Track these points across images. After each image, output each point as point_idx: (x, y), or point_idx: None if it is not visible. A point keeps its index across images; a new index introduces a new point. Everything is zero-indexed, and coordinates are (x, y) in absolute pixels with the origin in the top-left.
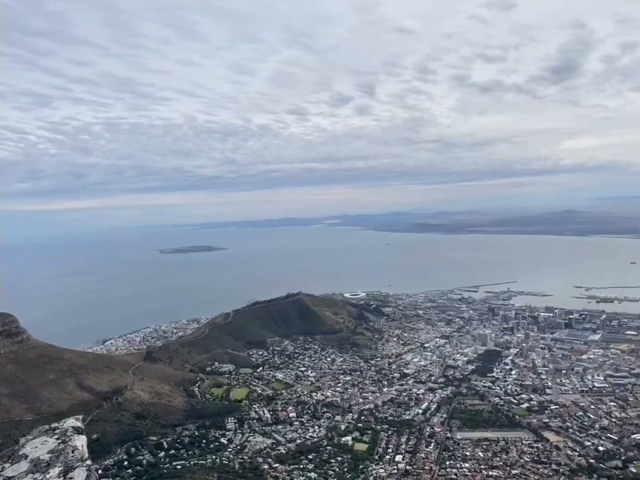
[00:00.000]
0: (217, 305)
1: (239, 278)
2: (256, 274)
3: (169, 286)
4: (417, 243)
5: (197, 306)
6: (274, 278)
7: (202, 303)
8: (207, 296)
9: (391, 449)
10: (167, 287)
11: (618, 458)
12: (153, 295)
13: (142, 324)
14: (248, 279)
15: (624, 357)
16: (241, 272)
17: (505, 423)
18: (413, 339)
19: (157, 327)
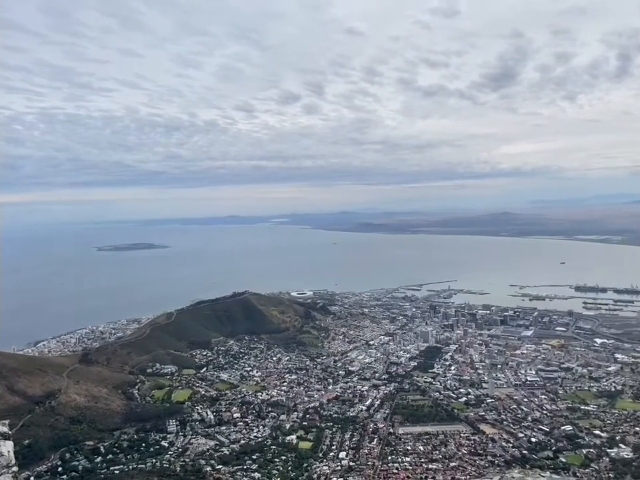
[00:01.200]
0: (159, 304)
1: (183, 277)
2: (201, 272)
3: (106, 285)
4: (363, 242)
5: (138, 305)
6: (219, 276)
7: (143, 302)
8: (148, 295)
9: (335, 446)
10: (104, 286)
11: (549, 448)
12: (89, 295)
13: (77, 324)
14: (192, 278)
15: (554, 352)
16: (184, 270)
17: (445, 417)
18: (358, 336)
19: (93, 327)
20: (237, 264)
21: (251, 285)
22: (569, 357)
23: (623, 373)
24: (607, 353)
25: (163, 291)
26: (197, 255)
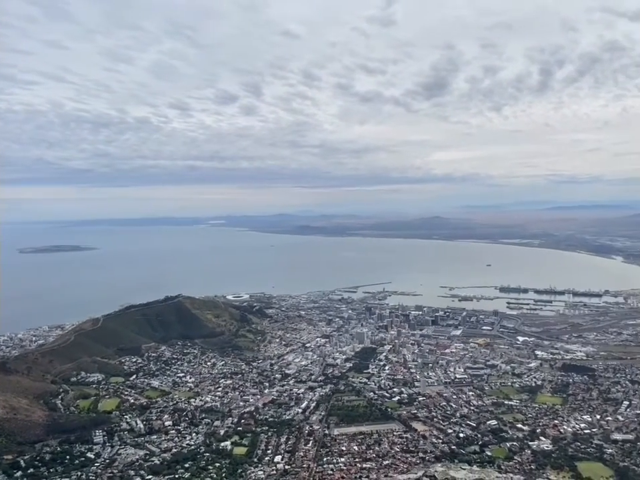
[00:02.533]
0: (84, 309)
1: (112, 280)
2: (131, 276)
3: (27, 289)
4: (301, 245)
5: (61, 311)
6: (151, 280)
7: (67, 307)
8: (72, 300)
9: (270, 450)
10: (25, 291)
11: (476, 443)
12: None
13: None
14: (122, 282)
15: (481, 350)
16: (113, 274)
17: (379, 416)
18: (295, 339)
19: (11, 334)
20: (171, 267)
21: (184, 289)
22: (494, 354)
23: (542, 368)
24: (528, 350)
25: (88, 296)
26: (128, 257)
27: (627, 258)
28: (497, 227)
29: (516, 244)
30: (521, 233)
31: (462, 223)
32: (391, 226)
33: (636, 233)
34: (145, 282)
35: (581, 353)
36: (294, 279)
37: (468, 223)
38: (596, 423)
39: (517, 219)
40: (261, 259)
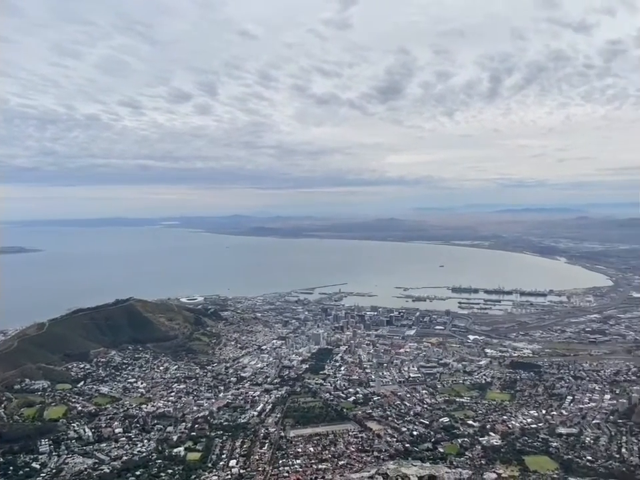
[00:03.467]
0: (29, 314)
1: (58, 283)
2: (79, 279)
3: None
4: (257, 246)
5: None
6: (100, 283)
7: (9, 312)
8: (15, 304)
9: (225, 455)
10: None
11: (429, 440)
12: None
13: None
14: (69, 285)
15: (434, 349)
16: (60, 276)
17: (334, 417)
18: (250, 341)
19: None
20: (121, 269)
21: (136, 292)
22: (446, 353)
23: (491, 366)
24: (478, 349)
25: (33, 300)
26: (75, 259)
27: (569, 259)
28: (449, 228)
29: (467, 245)
30: (471, 234)
31: (416, 224)
32: (347, 227)
33: (578, 235)
34: (94, 285)
35: (527, 351)
36: (250, 280)
37: (421, 224)
38: (542, 417)
39: (468, 221)
40: (216, 261)
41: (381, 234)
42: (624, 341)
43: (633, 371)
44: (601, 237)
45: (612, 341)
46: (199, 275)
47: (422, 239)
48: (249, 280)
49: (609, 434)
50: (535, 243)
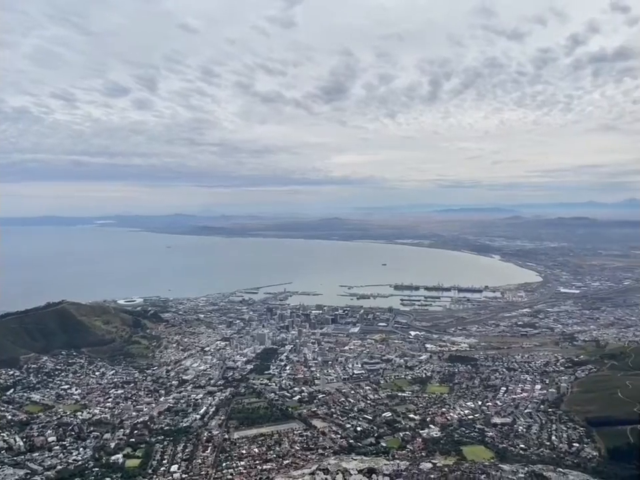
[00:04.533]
0: None
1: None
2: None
3: None
4: (200, 246)
5: None
6: (30, 285)
7: None
8: None
9: (166, 460)
10: None
11: (372, 435)
12: None
13: None
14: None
15: (377, 346)
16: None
17: (279, 417)
18: (193, 343)
19: None
20: (52, 271)
21: (69, 294)
22: (389, 349)
23: (431, 360)
24: (419, 344)
25: None
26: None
27: (503, 256)
28: (392, 228)
29: (408, 244)
30: (412, 233)
31: (359, 224)
32: (292, 226)
33: (511, 234)
34: (21, 288)
35: (465, 345)
36: (192, 281)
37: (365, 224)
38: (478, 408)
39: (409, 220)
40: (156, 261)
41: (325, 233)
42: (552, 333)
43: (561, 362)
44: (531, 236)
45: (542, 334)
46: (138, 276)
47: (365, 238)
48: (191, 280)
49: (540, 422)
50: (471, 242)
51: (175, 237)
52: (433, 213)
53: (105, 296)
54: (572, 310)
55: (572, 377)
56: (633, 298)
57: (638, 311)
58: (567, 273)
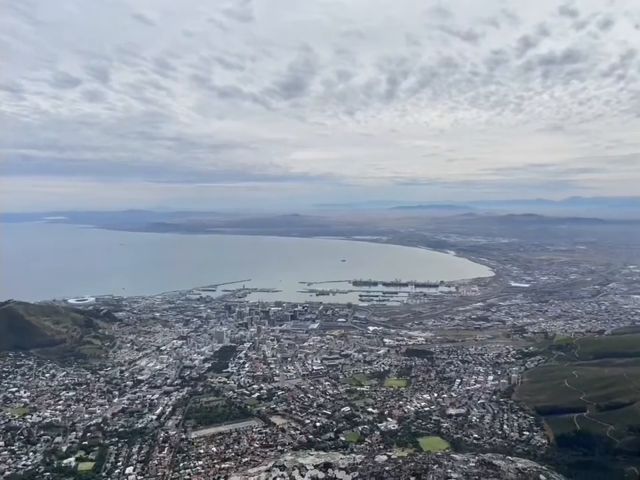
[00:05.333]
0: None
1: None
2: None
3: None
4: (155, 243)
5: None
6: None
7: None
8: None
9: (121, 462)
10: None
11: (331, 430)
12: None
13: None
14: None
15: (336, 341)
16: None
17: (238, 415)
18: (148, 342)
19: None
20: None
21: (16, 293)
22: (348, 344)
23: (389, 355)
24: (377, 339)
25: None
26: None
27: (458, 252)
28: (350, 224)
29: (367, 240)
30: (371, 230)
31: (319, 220)
32: (251, 223)
33: (465, 230)
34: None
35: (421, 338)
36: (147, 279)
37: (324, 220)
38: (434, 400)
39: (367, 217)
40: (109, 259)
41: (284, 230)
42: (504, 326)
43: (512, 354)
44: (484, 232)
45: (494, 327)
46: (89, 274)
47: (324, 234)
48: (146, 278)
49: (492, 412)
50: (427, 238)
51: (128, 234)
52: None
53: (55, 295)
54: (522, 303)
55: (522, 367)
56: (578, 291)
57: (583, 303)
58: (517, 268)
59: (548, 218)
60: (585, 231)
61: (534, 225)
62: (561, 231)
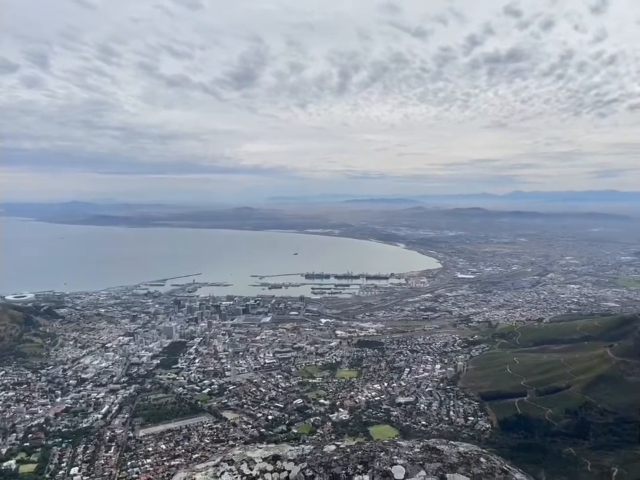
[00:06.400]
0: None
1: None
2: None
3: None
4: (100, 236)
5: None
6: None
7: None
8: None
9: (65, 463)
10: None
11: (284, 423)
12: None
13: None
14: None
15: (288, 334)
16: None
17: (188, 411)
18: (93, 340)
19: None
20: None
21: None
22: (300, 337)
23: (341, 346)
24: (329, 331)
25: None
26: None
27: (407, 245)
28: (303, 217)
29: (319, 233)
30: (323, 223)
31: (271, 213)
32: (201, 216)
33: (415, 223)
34: None
35: (372, 330)
36: (91, 274)
37: (276, 213)
38: (384, 390)
39: (319, 210)
40: (50, 254)
41: (236, 223)
42: (451, 316)
43: (458, 342)
44: (432, 225)
45: (441, 317)
46: (28, 269)
47: (277, 227)
48: (90, 273)
49: (439, 399)
50: (378, 231)
51: (70, 227)
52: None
53: None
54: (468, 294)
55: (467, 355)
56: (519, 282)
57: (524, 293)
58: (463, 260)
59: (492, 212)
60: (525, 224)
61: (479, 218)
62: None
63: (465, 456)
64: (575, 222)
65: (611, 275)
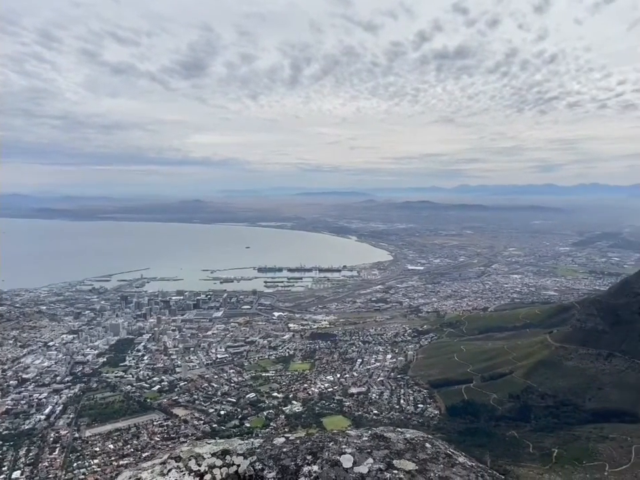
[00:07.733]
0: None
1: None
2: None
3: None
4: (40, 230)
5: None
6: None
7: None
8: None
9: (6, 467)
10: None
11: (236, 417)
12: None
13: None
14: None
15: (241, 329)
16: None
17: (137, 409)
18: (34, 338)
19: None
20: None
21: None
22: (252, 331)
23: (294, 339)
24: (282, 324)
25: None
26: None
27: (359, 237)
28: (255, 210)
29: (272, 227)
30: (275, 216)
31: (222, 206)
32: (149, 209)
33: (366, 216)
34: None
35: (325, 322)
36: (31, 270)
37: (227, 206)
38: (337, 381)
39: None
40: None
41: (185, 216)
42: (401, 307)
43: (409, 332)
44: (383, 218)
45: (392, 308)
46: None
47: (228, 220)
48: (29, 269)
49: (390, 389)
50: (331, 224)
51: (7, 221)
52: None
53: None
54: (417, 285)
55: (417, 345)
56: (466, 272)
57: (470, 283)
58: (413, 252)
59: (440, 205)
60: (471, 217)
61: (428, 211)
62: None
63: (411, 442)
64: (518, 215)
65: (550, 265)
